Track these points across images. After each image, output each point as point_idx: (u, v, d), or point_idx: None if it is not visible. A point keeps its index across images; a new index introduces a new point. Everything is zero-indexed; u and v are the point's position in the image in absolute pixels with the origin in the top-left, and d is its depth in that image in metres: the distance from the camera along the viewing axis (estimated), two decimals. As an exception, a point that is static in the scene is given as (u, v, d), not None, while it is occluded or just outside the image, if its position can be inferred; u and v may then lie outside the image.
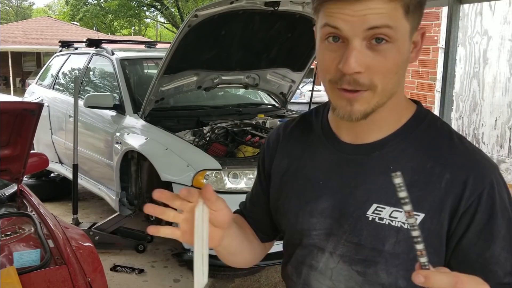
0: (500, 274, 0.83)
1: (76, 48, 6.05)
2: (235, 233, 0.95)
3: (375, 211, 0.85)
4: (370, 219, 0.85)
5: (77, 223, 4.28)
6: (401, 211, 0.83)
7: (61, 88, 5.79)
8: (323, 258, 0.92)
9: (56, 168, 5.50)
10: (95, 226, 4.17)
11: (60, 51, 6.27)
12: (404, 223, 0.83)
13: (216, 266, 3.60)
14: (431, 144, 0.86)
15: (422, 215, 0.82)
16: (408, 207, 0.65)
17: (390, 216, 0.84)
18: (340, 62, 0.78)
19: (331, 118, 0.95)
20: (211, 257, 0.80)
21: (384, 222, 0.84)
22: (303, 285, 0.96)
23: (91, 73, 5.46)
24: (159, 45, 6.41)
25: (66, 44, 6.24)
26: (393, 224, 0.84)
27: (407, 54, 0.82)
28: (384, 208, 0.84)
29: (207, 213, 0.82)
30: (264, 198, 1.06)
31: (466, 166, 0.83)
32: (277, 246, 1.13)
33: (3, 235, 2.22)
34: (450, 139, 0.87)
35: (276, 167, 1.01)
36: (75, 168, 4.40)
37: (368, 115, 0.83)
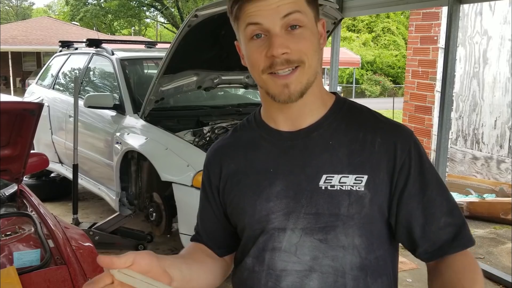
0: (438, 215, 0.96)
1: (76, 48, 6.04)
2: (175, 264, 0.97)
3: (326, 181, 0.95)
4: (323, 188, 0.95)
5: (77, 223, 4.28)
6: (348, 176, 0.95)
7: (61, 88, 5.79)
8: (285, 237, 0.97)
9: (56, 168, 5.50)
10: (95, 226, 4.17)
11: (60, 51, 6.26)
12: (352, 186, 0.94)
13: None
14: (358, 119, 1.01)
15: (365, 177, 0.95)
16: None
17: (339, 182, 0.95)
18: (268, 52, 0.92)
19: (265, 115, 1.07)
20: None
21: (335, 188, 0.95)
22: (267, 270, 0.99)
23: (91, 73, 5.45)
24: (159, 45, 6.40)
25: (66, 44, 6.24)
26: (343, 188, 0.95)
27: (318, 38, 0.97)
28: (333, 177, 0.95)
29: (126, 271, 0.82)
30: (211, 210, 1.11)
31: (391, 130, 0.99)
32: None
33: (3, 235, 2.22)
34: (372, 114, 1.03)
35: (224, 175, 1.06)
36: (75, 168, 4.40)
37: (303, 94, 0.95)
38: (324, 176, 0.95)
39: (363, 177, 0.94)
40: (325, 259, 0.95)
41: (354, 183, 0.94)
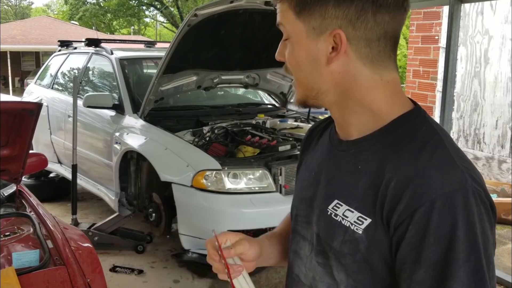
0: None
1: (75, 48, 6.03)
2: (270, 255, 1.08)
3: (334, 207, 0.88)
4: (328, 213, 0.89)
5: (76, 223, 4.27)
6: (353, 212, 0.84)
7: (60, 88, 5.78)
8: (304, 245, 0.97)
9: (55, 168, 5.48)
10: (94, 226, 4.16)
11: (59, 50, 6.25)
12: (352, 224, 0.83)
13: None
14: (398, 151, 0.82)
15: (368, 220, 0.82)
16: None
17: (343, 214, 0.86)
18: None
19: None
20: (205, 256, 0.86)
21: (337, 219, 0.87)
22: (289, 269, 1.04)
23: (90, 72, 5.44)
24: (158, 45, 6.39)
25: (65, 44, 6.23)
26: (343, 222, 0.85)
27: (311, 53, 0.86)
28: (341, 206, 0.87)
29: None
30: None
31: (412, 177, 0.77)
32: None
33: (2, 236, 2.20)
34: (419, 149, 0.80)
35: (301, 157, 1.11)
36: (74, 168, 4.39)
37: (305, 104, 0.92)
38: (335, 202, 0.88)
39: (365, 220, 0.82)
40: (320, 284, 0.92)
41: (354, 221, 0.83)
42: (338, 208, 0.87)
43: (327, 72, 0.86)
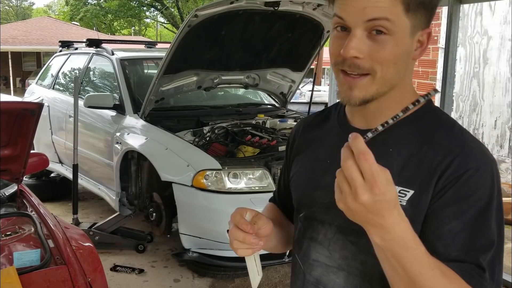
0: (450, 249, 0.85)
1: (76, 48, 6.04)
2: (274, 233, 1.08)
3: None
4: None
5: (77, 223, 4.27)
6: None
7: (61, 88, 5.79)
8: (323, 230, 1.00)
9: (56, 168, 5.50)
10: (95, 226, 4.17)
11: (60, 51, 6.26)
12: None
13: (216, 266, 3.60)
14: (431, 132, 0.92)
15: (411, 192, 0.88)
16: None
17: None
18: (342, 49, 0.87)
19: (347, 107, 1.03)
20: (210, 257, 0.85)
21: None
22: (302, 257, 1.04)
23: (91, 73, 5.45)
24: (159, 45, 6.41)
25: (66, 44, 6.24)
26: None
27: (407, 49, 0.89)
28: None
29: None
30: (286, 175, 1.17)
31: (456, 150, 0.88)
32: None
33: (3, 235, 2.21)
34: (451, 129, 0.93)
35: (295, 150, 1.12)
36: (75, 168, 4.40)
37: (367, 102, 0.90)
38: None
39: (408, 192, 0.89)
40: (354, 261, 0.95)
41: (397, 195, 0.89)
42: None
43: (410, 68, 0.93)
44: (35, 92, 6.28)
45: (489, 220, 0.86)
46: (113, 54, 4.91)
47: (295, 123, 4.52)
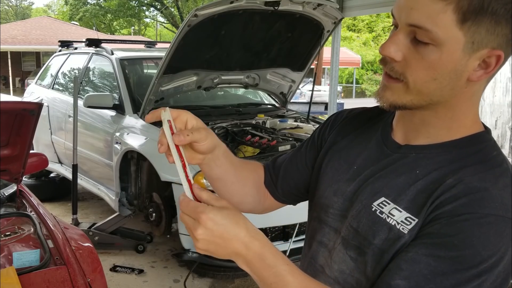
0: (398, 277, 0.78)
1: (76, 48, 6.03)
2: (219, 161, 1.00)
3: (380, 204, 0.86)
4: (373, 209, 0.87)
5: (76, 223, 4.27)
6: (401, 211, 0.83)
7: (61, 88, 5.78)
8: (332, 237, 0.96)
9: (56, 168, 5.49)
10: (95, 226, 4.17)
11: (60, 51, 6.25)
12: (398, 223, 0.82)
13: (216, 267, 3.60)
14: (466, 166, 0.82)
15: (415, 221, 0.81)
16: None
17: (389, 212, 0.85)
18: None
19: (396, 115, 0.96)
20: (210, 257, 0.83)
21: (382, 216, 0.85)
22: (310, 259, 1.01)
23: (90, 73, 5.45)
24: (158, 45, 6.40)
25: (65, 44, 6.23)
26: (388, 220, 0.84)
27: (456, 67, 0.78)
28: (389, 204, 0.85)
29: (168, 128, 0.93)
30: (304, 160, 1.09)
31: (474, 189, 0.78)
32: (277, 247, 1.12)
33: (2, 235, 2.21)
34: (488, 170, 0.80)
35: (331, 138, 1.05)
36: (75, 168, 4.40)
37: (396, 108, 0.84)
38: (382, 199, 0.86)
39: (413, 221, 0.81)
40: (350, 278, 0.90)
41: (402, 221, 0.82)
42: (385, 206, 0.85)
43: (461, 88, 0.81)
44: (34, 92, 6.27)
45: (454, 276, 0.73)
46: (112, 54, 4.90)
47: (295, 123, 4.53)
